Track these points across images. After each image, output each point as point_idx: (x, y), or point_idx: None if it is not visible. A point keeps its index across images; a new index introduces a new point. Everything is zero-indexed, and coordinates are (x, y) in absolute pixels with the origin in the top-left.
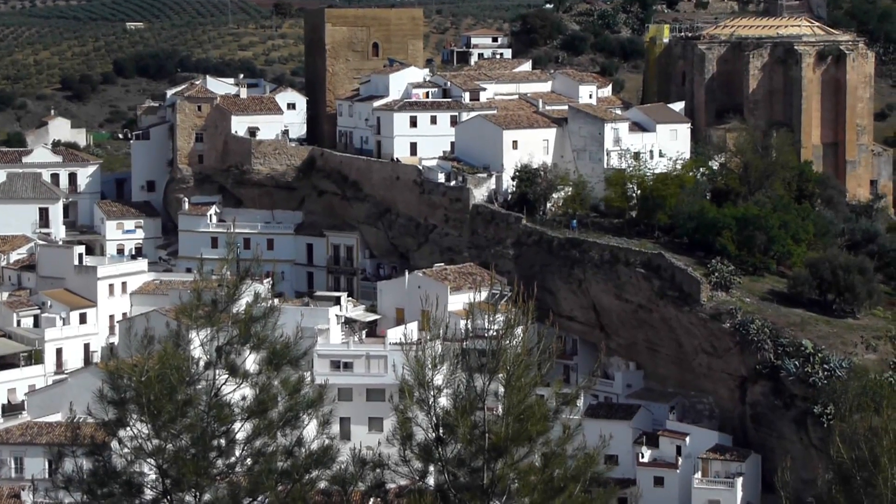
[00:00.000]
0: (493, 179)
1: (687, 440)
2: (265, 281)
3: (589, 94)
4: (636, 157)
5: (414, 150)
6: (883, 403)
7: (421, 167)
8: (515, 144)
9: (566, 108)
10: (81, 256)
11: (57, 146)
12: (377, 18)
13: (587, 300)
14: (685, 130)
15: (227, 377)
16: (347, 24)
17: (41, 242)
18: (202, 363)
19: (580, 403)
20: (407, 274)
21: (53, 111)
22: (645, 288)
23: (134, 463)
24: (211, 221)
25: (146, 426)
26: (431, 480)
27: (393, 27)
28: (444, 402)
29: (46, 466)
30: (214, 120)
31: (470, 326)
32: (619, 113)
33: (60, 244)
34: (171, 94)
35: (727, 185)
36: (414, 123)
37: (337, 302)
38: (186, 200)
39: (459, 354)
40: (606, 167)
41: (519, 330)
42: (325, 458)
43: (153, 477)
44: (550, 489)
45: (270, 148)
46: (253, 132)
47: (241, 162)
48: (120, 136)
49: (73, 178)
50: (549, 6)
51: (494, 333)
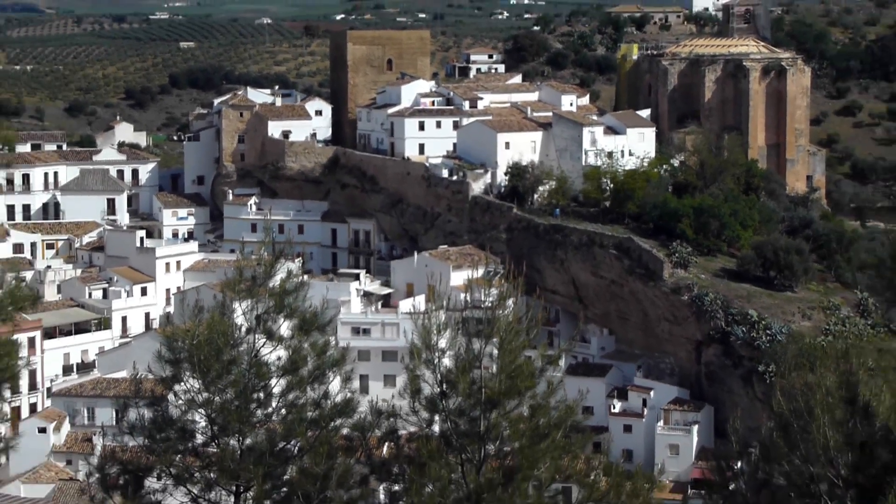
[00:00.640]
0: (488, 175)
1: (651, 394)
2: (296, 260)
3: (570, 102)
4: (609, 155)
5: (422, 149)
6: (816, 363)
7: (427, 164)
8: (508, 145)
9: (551, 114)
10: (142, 239)
11: (122, 146)
12: (391, 39)
13: (568, 276)
14: (651, 133)
15: (264, 341)
16: (366, 43)
17: (108, 227)
18: (244, 329)
19: (562, 363)
20: (416, 254)
21: (119, 117)
22: (616, 266)
23: (187, 413)
24: (251, 210)
25: (197, 382)
26: (436, 428)
27: (404, 46)
28: (447, 362)
29: (114, 415)
30: (254, 124)
31: (468, 298)
32: (595, 118)
33: (125, 229)
34: (217, 102)
35: (686, 179)
36: (422, 127)
37: (357, 278)
38: (230, 192)
39: (460, 322)
40: (584, 164)
41: (510, 301)
42: (347, 408)
43: (203, 424)
44: (536, 435)
45: (301, 148)
46: (286, 134)
47: (276, 160)
48: (174, 138)
49: (135, 173)
50: (536, 28)
51: (489, 304)
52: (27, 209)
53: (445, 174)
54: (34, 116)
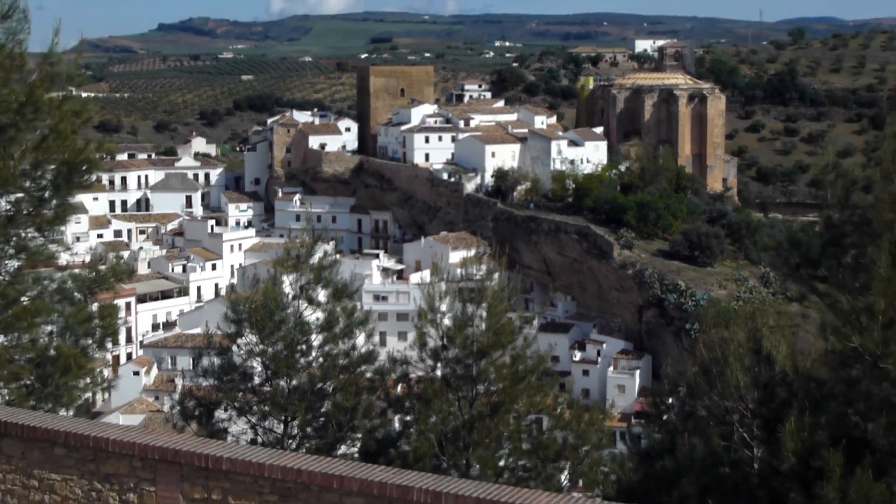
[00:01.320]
0: (478, 177)
1: (604, 346)
2: (330, 243)
3: (541, 122)
4: (571, 162)
5: (427, 158)
6: (730, 322)
7: (431, 169)
8: (493, 154)
9: (526, 131)
10: (213, 227)
11: (197, 155)
12: (403, 72)
13: (540, 256)
14: (603, 146)
15: (306, 305)
16: (384, 76)
17: (187, 218)
18: (290, 296)
19: (535, 323)
20: (422, 239)
21: (194, 133)
22: (577, 248)
23: (246, 360)
24: (295, 204)
25: (254, 336)
26: (438, 372)
27: (413, 78)
28: (446, 321)
29: (191, 362)
30: (298, 138)
31: (463, 273)
32: (560, 134)
33: (199, 219)
34: (269, 121)
35: (630, 181)
36: (427, 140)
37: (377, 257)
38: (280, 190)
39: (457, 291)
40: (552, 169)
41: (496, 275)
42: (369, 357)
43: (259, 369)
44: (516, 378)
45: (334, 156)
46: (322, 146)
47: (314, 166)
48: (237, 149)
49: (207, 176)
50: (515, 64)
51: (480, 277)
52: (124, 204)
53: (445, 177)
54: (130, 132)
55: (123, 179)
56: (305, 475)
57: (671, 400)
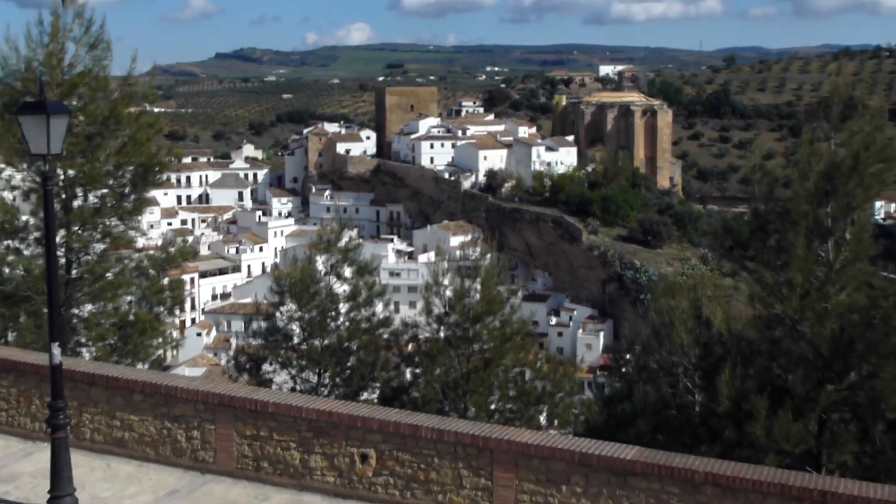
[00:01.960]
0: (473, 176)
1: (574, 313)
2: (354, 230)
3: (524, 132)
4: (548, 164)
5: (432, 161)
6: (675, 293)
7: (435, 170)
8: (485, 158)
9: (511, 139)
10: (260, 217)
11: (247, 159)
12: (413, 92)
13: (523, 240)
14: (573, 151)
15: (335, 280)
16: (397, 95)
17: (239, 209)
18: (322, 272)
19: (519, 294)
20: (428, 226)
21: (245, 141)
22: (553, 234)
23: (288, 324)
24: (326, 198)
25: (294, 305)
26: (442, 334)
27: (421, 97)
28: (448, 293)
29: (243, 325)
30: (328, 145)
31: (462, 254)
32: (539, 141)
33: (249, 210)
34: (305, 132)
35: (595, 179)
36: (432, 147)
37: (392, 241)
38: (313, 187)
39: (456, 269)
40: (533, 170)
41: (488, 256)
42: (386, 322)
43: (297, 331)
44: (504, 339)
45: (357, 160)
46: (347, 151)
47: (341, 167)
48: (279, 154)
49: (255, 175)
50: (503, 85)
51: (475, 257)
52: (189, 198)
53: (446, 176)
54: (193, 140)
55: (188, 178)
56: (335, 416)
57: (628, 356)
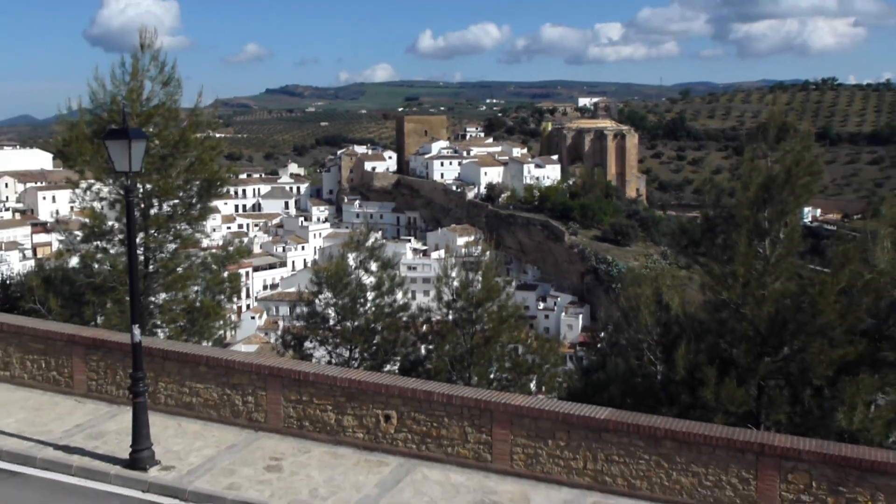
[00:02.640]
0: (476, 188)
1: (558, 299)
2: (378, 232)
3: (517, 152)
4: (537, 179)
5: (442, 176)
6: (641, 283)
7: (445, 183)
8: (485, 173)
9: (507, 158)
10: (302, 222)
11: (291, 175)
12: (427, 120)
13: (517, 240)
14: (557, 168)
15: (363, 273)
16: (413, 123)
17: (285, 216)
18: (353, 267)
19: (513, 284)
20: (439, 229)
21: (289, 160)
22: (541, 235)
23: (325, 308)
24: (356, 207)
25: (330, 293)
26: (450, 317)
27: (433, 124)
28: (455, 283)
29: (288, 310)
30: (357, 164)
31: (467, 251)
32: (529, 160)
33: (293, 216)
34: (339, 153)
35: (575, 191)
36: (442, 164)
37: (409, 241)
38: (346, 198)
39: (462, 263)
40: (524, 183)
41: (487, 253)
42: (405, 307)
43: (333, 315)
44: (501, 320)
45: (381, 175)
46: (373, 168)
47: (368, 181)
48: (318, 171)
49: (298, 188)
50: (500, 114)
51: (477, 254)
52: (244, 207)
53: (454, 188)
54: (247, 160)
55: (244, 191)
56: (363, 384)
57: (602, 334)
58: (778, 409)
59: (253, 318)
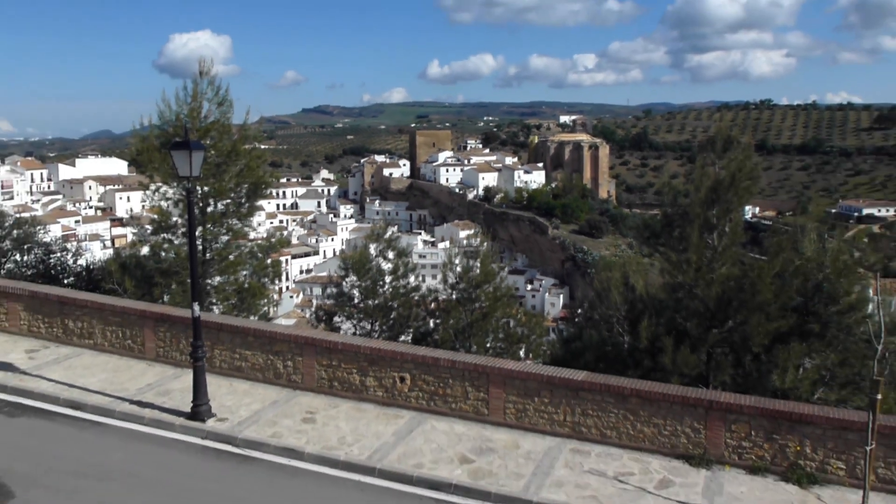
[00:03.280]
0: (475, 191)
1: (543, 282)
2: (394, 227)
3: (509, 161)
4: (526, 183)
5: (447, 180)
6: (611, 268)
7: (450, 187)
8: (483, 178)
9: (501, 165)
10: (332, 218)
11: (323, 180)
12: (434, 134)
13: (509, 233)
14: (543, 174)
15: (382, 260)
16: (424, 136)
17: (317, 213)
18: (374, 255)
19: (506, 269)
20: (445, 224)
21: (322, 167)
22: (529, 229)
23: (351, 289)
24: (376, 206)
25: (355, 276)
26: (454, 296)
27: (439, 137)
28: (458, 268)
29: (321, 290)
30: (377, 170)
31: (468, 242)
32: (519, 167)
33: (325, 214)
34: (362, 161)
35: (557, 192)
36: (447, 171)
37: (420, 234)
38: (368, 198)
39: (463, 252)
40: (515, 186)
41: (485, 244)
42: (416, 288)
43: (357, 294)
44: (495, 299)
45: (397, 180)
46: (391, 174)
47: (387, 185)
48: (345, 176)
49: (329, 190)
50: (495, 129)
51: (476, 244)
52: (284, 206)
53: (457, 190)
54: (287, 167)
55: (283, 192)
56: (382, 351)
57: (579, 310)
58: (723, 371)
59: (291, 297)
